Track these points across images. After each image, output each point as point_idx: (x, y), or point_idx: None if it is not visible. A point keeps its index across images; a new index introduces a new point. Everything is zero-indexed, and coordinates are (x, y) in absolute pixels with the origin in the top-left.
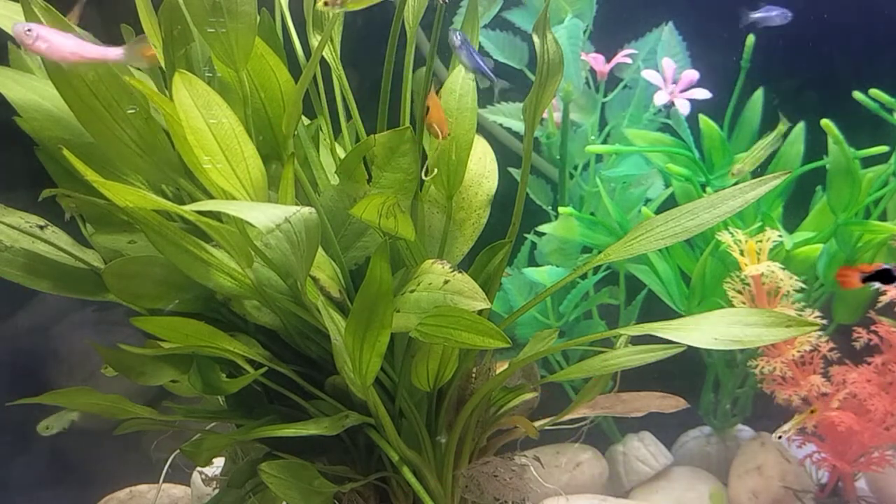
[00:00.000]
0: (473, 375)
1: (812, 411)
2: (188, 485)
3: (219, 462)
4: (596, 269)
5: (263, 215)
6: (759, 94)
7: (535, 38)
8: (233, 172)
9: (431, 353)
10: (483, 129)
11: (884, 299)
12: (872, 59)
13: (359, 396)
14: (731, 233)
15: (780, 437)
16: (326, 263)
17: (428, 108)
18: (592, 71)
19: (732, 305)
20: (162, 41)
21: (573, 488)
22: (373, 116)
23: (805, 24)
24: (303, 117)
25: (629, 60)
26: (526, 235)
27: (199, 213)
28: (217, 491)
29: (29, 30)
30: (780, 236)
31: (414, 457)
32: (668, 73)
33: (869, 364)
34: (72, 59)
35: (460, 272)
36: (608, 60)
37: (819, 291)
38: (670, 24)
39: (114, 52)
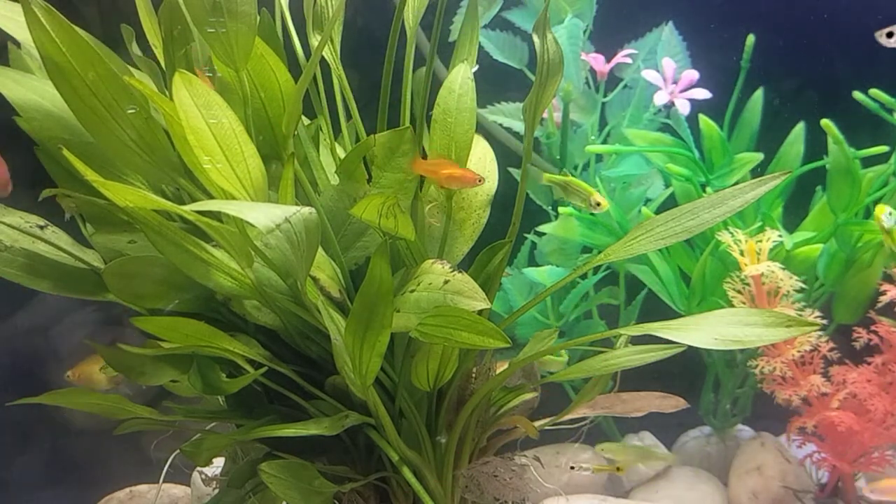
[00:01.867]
0: (473, 375)
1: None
2: (188, 485)
3: (219, 462)
4: (596, 269)
5: (263, 215)
6: (759, 94)
7: (535, 38)
8: (233, 172)
9: (431, 353)
10: (483, 129)
11: (884, 299)
12: (872, 59)
13: (359, 396)
14: (731, 233)
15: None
16: (326, 263)
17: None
18: (592, 71)
19: (732, 305)
20: (162, 41)
21: (573, 488)
22: (373, 116)
23: (805, 24)
24: (303, 117)
25: (629, 60)
26: (526, 235)
27: (199, 213)
28: (217, 491)
29: None
30: (780, 236)
31: (414, 457)
32: (668, 73)
33: (869, 364)
34: None
35: (460, 272)
36: (608, 60)
37: (819, 291)
38: (670, 24)
39: None
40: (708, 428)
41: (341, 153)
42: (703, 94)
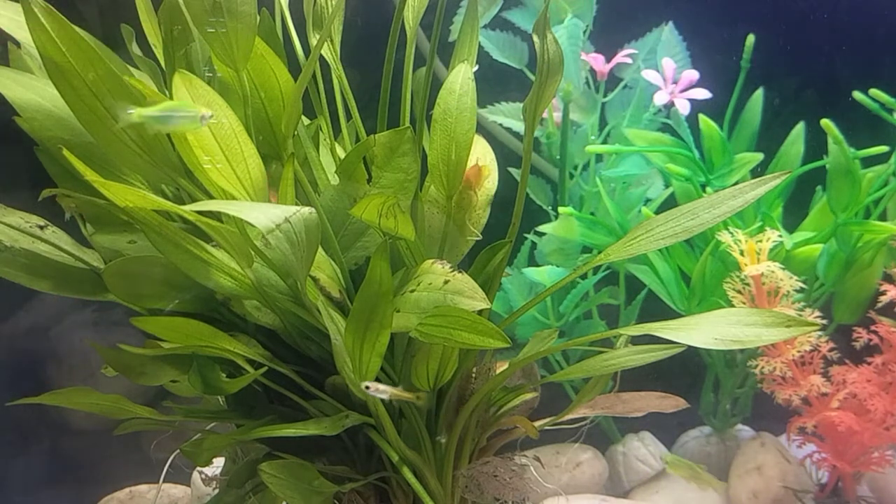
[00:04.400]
0: (473, 375)
1: None
2: (188, 485)
3: (219, 462)
4: (596, 269)
5: (263, 215)
6: (759, 94)
7: (535, 38)
8: (233, 172)
9: (431, 353)
10: (483, 129)
11: (884, 299)
12: (872, 59)
13: (359, 396)
14: (731, 233)
15: None
16: (326, 263)
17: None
18: (592, 71)
19: (732, 305)
20: (162, 41)
21: (573, 488)
22: (373, 116)
23: (805, 24)
24: (303, 117)
25: (629, 60)
26: (526, 235)
27: (199, 213)
28: (217, 491)
29: None
30: (780, 236)
31: (414, 457)
32: (668, 73)
33: (869, 364)
34: None
35: (460, 272)
36: (608, 60)
37: (819, 291)
38: (670, 24)
39: None
40: (708, 428)
41: (341, 153)
42: (703, 94)
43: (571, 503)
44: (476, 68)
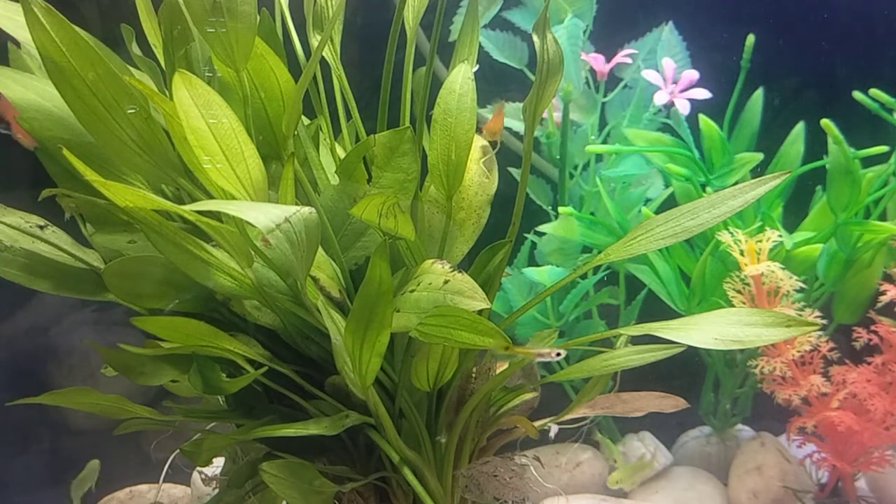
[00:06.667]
0: (473, 375)
1: None
2: (188, 485)
3: (219, 462)
4: (596, 269)
5: (263, 215)
6: (759, 94)
7: (535, 38)
8: (233, 172)
9: (431, 353)
10: None
11: (884, 299)
12: (872, 59)
13: (359, 396)
14: (731, 233)
15: None
16: (326, 263)
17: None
18: (592, 71)
19: (732, 305)
20: (162, 41)
21: (573, 488)
22: (373, 116)
23: (805, 23)
24: (303, 117)
25: (629, 60)
26: (526, 235)
27: (199, 212)
28: (217, 491)
29: None
30: (780, 236)
31: (414, 457)
32: (668, 73)
33: (869, 364)
34: None
35: (460, 272)
36: (608, 60)
37: (819, 291)
38: (670, 24)
39: None
40: (708, 428)
41: (341, 153)
42: (703, 94)
43: (571, 503)
44: (476, 68)
